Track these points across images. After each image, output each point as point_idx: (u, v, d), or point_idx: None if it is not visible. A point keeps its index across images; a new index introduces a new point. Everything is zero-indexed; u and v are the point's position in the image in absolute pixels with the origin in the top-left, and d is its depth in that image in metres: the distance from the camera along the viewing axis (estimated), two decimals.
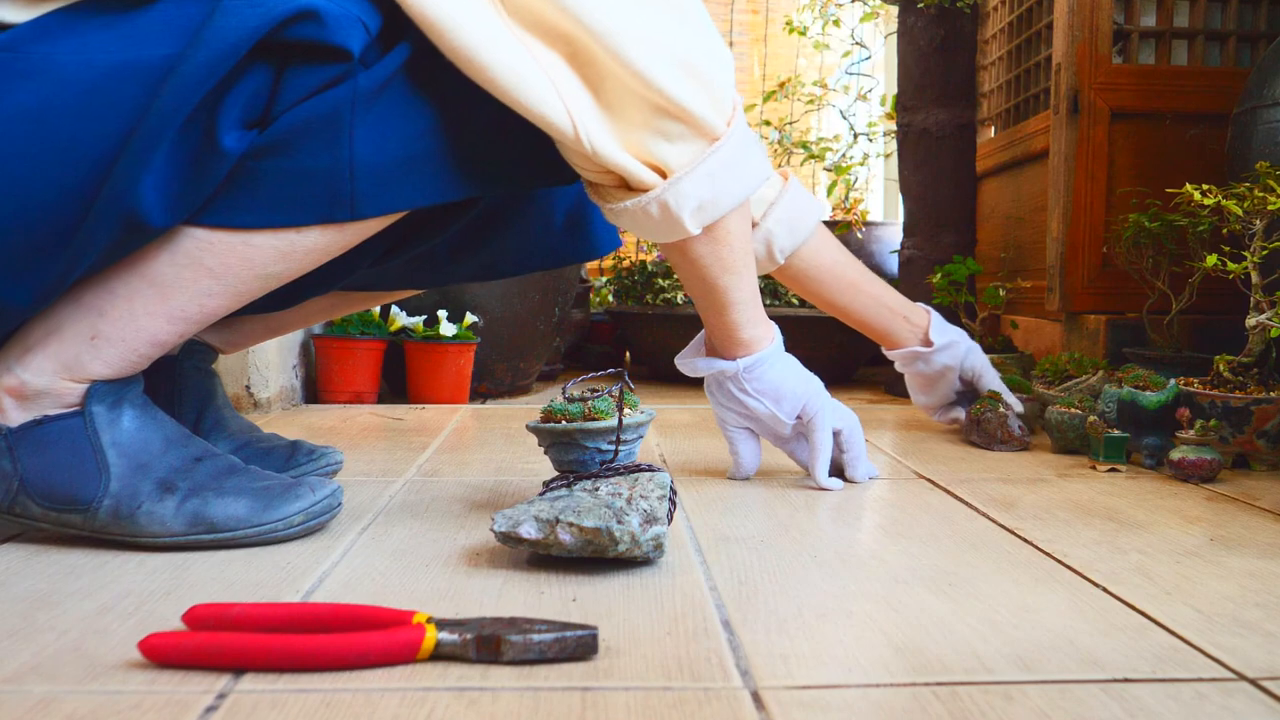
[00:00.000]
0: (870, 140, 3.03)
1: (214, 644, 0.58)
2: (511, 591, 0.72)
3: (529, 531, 0.75)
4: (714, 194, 0.88)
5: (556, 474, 0.96)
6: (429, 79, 0.79)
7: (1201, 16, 1.75)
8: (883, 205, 3.65)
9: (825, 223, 1.34)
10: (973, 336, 1.91)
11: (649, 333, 2.33)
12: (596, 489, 0.80)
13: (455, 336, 1.92)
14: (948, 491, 1.09)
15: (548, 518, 0.75)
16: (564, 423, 0.96)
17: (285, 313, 1.09)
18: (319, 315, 1.15)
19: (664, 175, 0.86)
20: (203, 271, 0.80)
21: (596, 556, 0.76)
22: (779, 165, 3.22)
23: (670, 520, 0.82)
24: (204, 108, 0.73)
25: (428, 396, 1.92)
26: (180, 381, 1.03)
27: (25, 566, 0.78)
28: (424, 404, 1.88)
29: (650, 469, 0.85)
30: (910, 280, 2.02)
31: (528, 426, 0.99)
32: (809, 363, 1.12)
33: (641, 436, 0.99)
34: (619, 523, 0.74)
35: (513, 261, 1.07)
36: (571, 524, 0.74)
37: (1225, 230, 1.31)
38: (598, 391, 0.99)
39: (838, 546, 0.86)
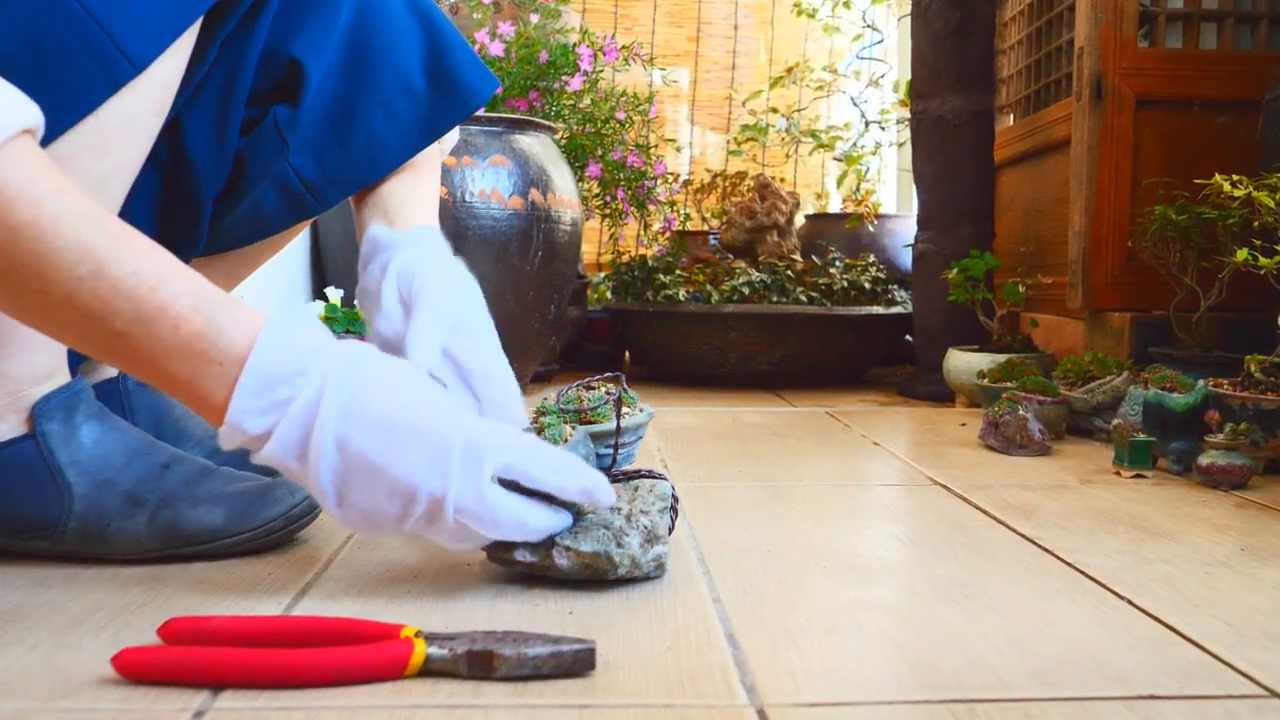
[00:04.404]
0: (882, 129, 3.03)
1: (191, 659, 0.58)
2: (505, 604, 0.72)
3: (524, 555, 0.74)
4: None
5: None
6: None
7: None
8: (896, 197, 3.65)
9: (832, 215, 1.32)
10: (990, 336, 1.91)
11: (649, 331, 2.33)
12: None
13: None
14: (964, 498, 1.09)
15: (543, 540, 0.75)
16: None
17: None
18: (227, 280, 1.04)
19: None
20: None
21: (595, 579, 0.75)
22: (787, 155, 3.23)
23: (672, 530, 0.82)
24: None
25: None
26: (128, 402, 1.01)
27: None
28: None
29: (651, 475, 0.85)
30: (925, 276, 2.02)
31: (523, 430, 0.99)
32: (816, 364, 1.11)
33: (641, 437, 1.00)
34: (618, 545, 0.74)
35: (392, 146, 0.95)
36: (569, 548, 0.73)
37: (1256, 223, 1.31)
38: (595, 393, 0.99)
39: (847, 556, 0.86)
